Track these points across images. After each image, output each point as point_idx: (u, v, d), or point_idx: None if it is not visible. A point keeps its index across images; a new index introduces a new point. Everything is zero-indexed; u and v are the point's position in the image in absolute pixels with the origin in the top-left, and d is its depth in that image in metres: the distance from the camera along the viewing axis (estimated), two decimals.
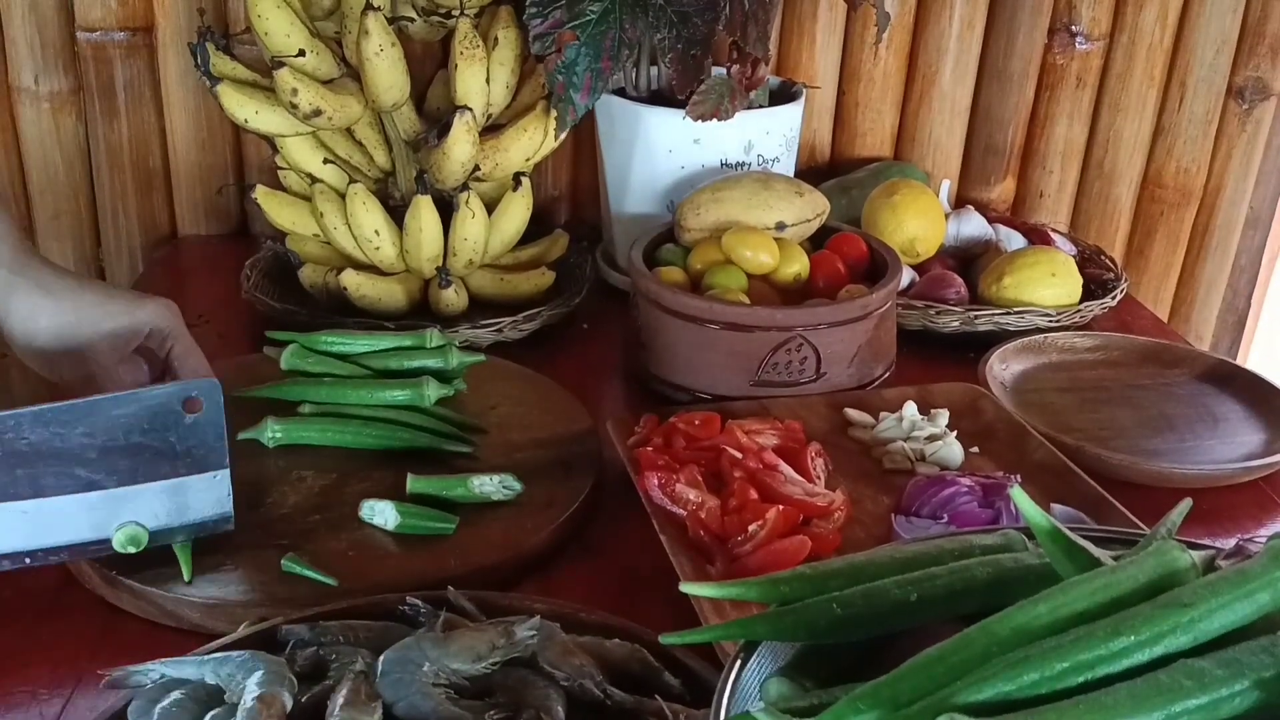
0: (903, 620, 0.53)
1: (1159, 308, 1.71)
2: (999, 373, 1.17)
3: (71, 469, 0.76)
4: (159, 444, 0.78)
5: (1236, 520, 0.99)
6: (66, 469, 0.76)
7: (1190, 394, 1.17)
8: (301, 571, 0.81)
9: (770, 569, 0.79)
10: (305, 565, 0.81)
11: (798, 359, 1.07)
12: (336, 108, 1.17)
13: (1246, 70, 1.60)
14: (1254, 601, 0.47)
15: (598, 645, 0.69)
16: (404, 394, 1.00)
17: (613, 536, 0.92)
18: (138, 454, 0.77)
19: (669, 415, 1.00)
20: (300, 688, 0.64)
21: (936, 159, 1.61)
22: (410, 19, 1.22)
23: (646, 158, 1.30)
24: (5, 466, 0.74)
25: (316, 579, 0.81)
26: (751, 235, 1.15)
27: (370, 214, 1.21)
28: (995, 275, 1.29)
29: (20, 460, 0.74)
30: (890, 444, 1.01)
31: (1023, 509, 0.51)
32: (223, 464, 0.80)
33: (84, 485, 0.76)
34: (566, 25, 1.17)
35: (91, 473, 0.76)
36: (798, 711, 0.48)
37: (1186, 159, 1.64)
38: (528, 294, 1.27)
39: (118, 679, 0.67)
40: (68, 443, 0.75)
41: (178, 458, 0.79)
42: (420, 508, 0.88)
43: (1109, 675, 0.44)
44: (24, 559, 0.77)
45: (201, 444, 0.79)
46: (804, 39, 1.53)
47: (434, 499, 0.90)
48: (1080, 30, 1.56)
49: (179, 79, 1.41)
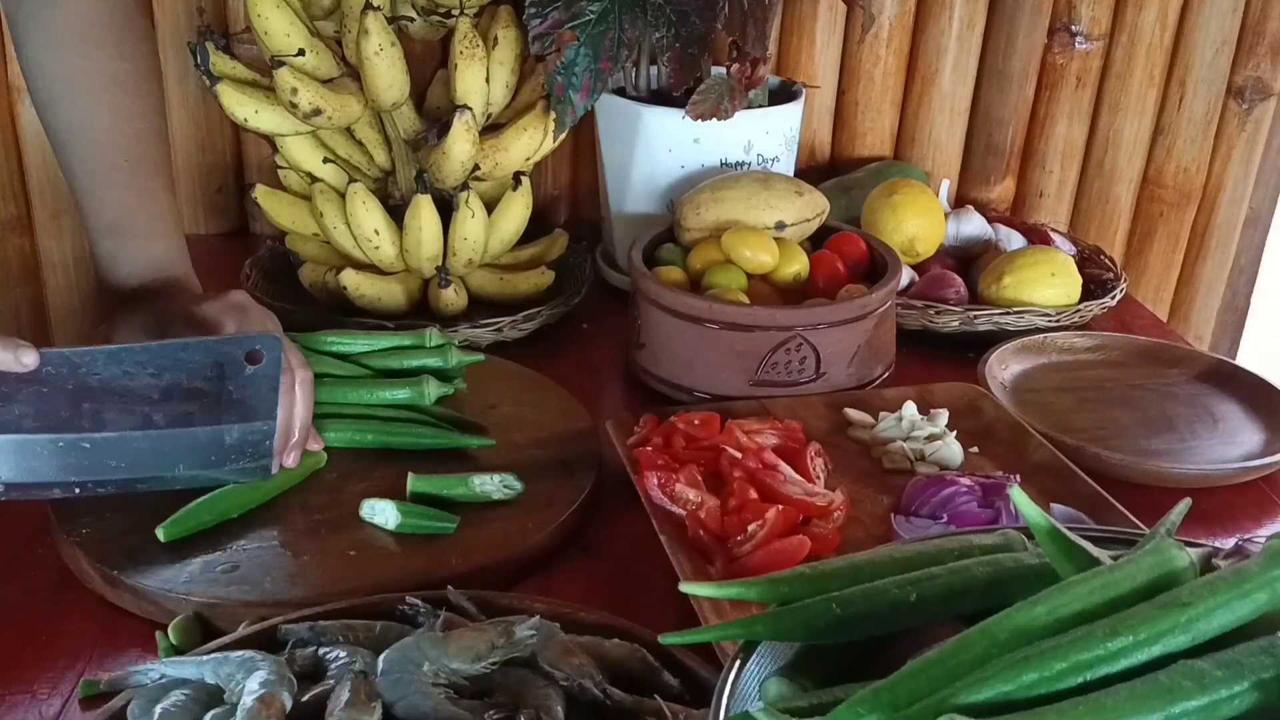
0: (902, 620, 0.53)
1: (1158, 308, 1.71)
2: (998, 373, 1.17)
3: (134, 407, 0.80)
4: (217, 391, 0.81)
5: (1236, 520, 0.99)
6: (129, 407, 0.80)
7: (1190, 394, 1.17)
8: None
9: (770, 569, 0.80)
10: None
11: (797, 359, 1.07)
12: (336, 107, 1.17)
13: (1246, 70, 1.60)
14: (1252, 601, 0.47)
15: (597, 645, 0.69)
16: (404, 393, 1.00)
17: (612, 536, 0.93)
18: (197, 399, 0.81)
19: (668, 415, 1.00)
20: (300, 687, 0.64)
21: (936, 159, 1.61)
22: (410, 18, 1.22)
23: (646, 157, 1.31)
24: (73, 400, 0.78)
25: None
26: (751, 235, 1.15)
27: (370, 213, 1.21)
28: (995, 275, 1.29)
29: (88, 395, 0.78)
30: (890, 444, 1.01)
31: (1021, 509, 0.52)
32: (272, 415, 0.84)
33: (142, 423, 0.80)
34: (566, 25, 1.17)
35: (151, 412, 0.80)
36: (797, 711, 0.48)
37: (1186, 159, 1.64)
38: (527, 293, 1.27)
39: (118, 679, 0.67)
40: (135, 382, 0.79)
41: (232, 406, 0.82)
42: (421, 507, 0.88)
43: (1108, 675, 0.44)
44: (74, 488, 0.81)
45: (256, 395, 0.82)
46: (804, 38, 1.53)
47: (435, 498, 0.90)
48: (1080, 30, 1.56)
49: (178, 78, 1.41)
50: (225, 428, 0.82)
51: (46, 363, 0.77)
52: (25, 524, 0.90)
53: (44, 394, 0.77)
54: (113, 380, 0.79)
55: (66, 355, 0.78)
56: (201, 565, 0.82)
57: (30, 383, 0.77)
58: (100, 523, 0.86)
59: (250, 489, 0.87)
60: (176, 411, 0.81)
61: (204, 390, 0.81)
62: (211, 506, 0.86)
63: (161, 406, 0.80)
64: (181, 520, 0.84)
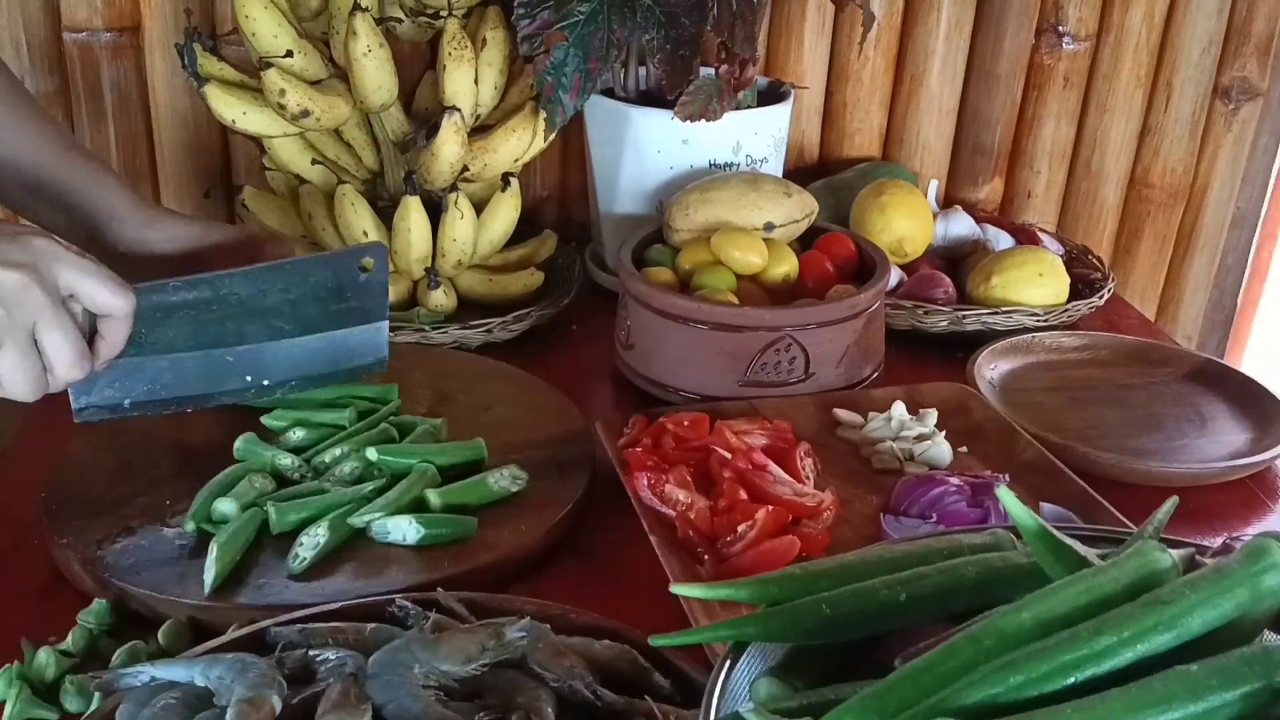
0: (892, 620, 0.53)
1: (1146, 307, 1.72)
2: (987, 372, 1.17)
3: (270, 321, 0.90)
4: (337, 299, 0.92)
5: (1224, 519, 1.00)
6: (266, 320, 0.89)
7: (1177, 393, 1.18)
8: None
9: (760, 569, 0.80)
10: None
11: (786, 359, 1.07)
12: (324, 109, 1.17)
13: (1232, 70, 1.61)
14: (1233, 598, 0.47)
15: (587, 646, 0.69)
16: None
17: (602, 537, 0.93)
18: (322, 308, 0.91)
19: (658, 416, 1.00)
20: (290, 690, 0.64)
21: (924, 159, 1.61)
22: (398, 20, 1.22)
23: (635, 158, 1.31)
24: (218, 319, 0.87)
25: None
26: (740, 236, 1.15)
27: (359, 215, 1.21)
28: (983, 275, 1.29)
29: (230, 314, 0.88)
30: (879, 444, 1.01)
31: (1010, 509, 0.52)
32: (383, 315, 0.95)
33: (277, 334, 0.90)
34: (555, 26, 1.17)
35: (284, 323, 0.90)
36: (787, 712, 0.48)
37: (1173, 159, 1.65)
38: (517, 295, 1.27)
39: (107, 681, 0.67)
40: (268, 298, 0.89)
41: (350, 310, 0.93)
42: (440, 515, 0.88)
43: (1095, 675, 0.44)
44: (210, 400, 0.90)
45: (370, 298, 0.93)
46: (792, 39, 1.53)
47: (457, 507, 0.89)
48: (1067, 31, 1.56)
49: (166, 80, 1.41)
50: (347, 330, 0.93)
51: (192, 288, 0.86)
52: (14, 525, 0.90)
53: (193, 316, 0.86)
54: (250, 299, 0.88)
55: (209, 280, 0.87)
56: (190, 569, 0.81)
57: (180, 307, 0.86)
58: (91, 525, 0.86)
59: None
60: (305, 321, 0.91)
61: (327, 299, 0.91)
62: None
63: (292, 318, 0.90)
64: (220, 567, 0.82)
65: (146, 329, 0.83)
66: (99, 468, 0.93)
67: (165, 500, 0.89)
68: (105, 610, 0.79)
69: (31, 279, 0.71)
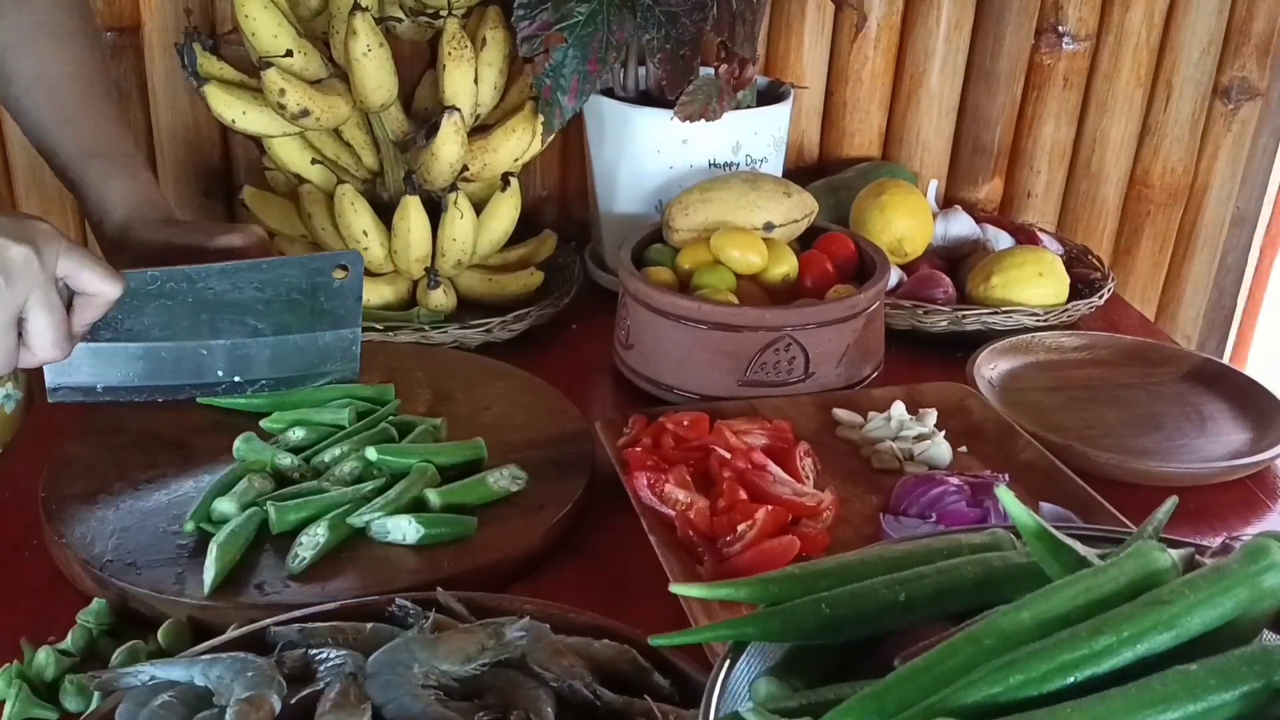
0: (892, 620, 0.53)
1: (1145, 307, 1.72)
2: (987, 372, 1.17)
3: (243, 318, 0.92)
4: (310, 302, 0.94)
5: (1223, 519, 1.00)
6: (239, 317, 0.92)
7: (1177, 393, 1.18)
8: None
9: (759, 569, 0.80)
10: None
11: (786, 359, 1.07)
12: (324, 108, 1.17)
13: (1232, 70, 1.61)
14: (1233, 598, 0.47)
15: (587, 646, 0.69)
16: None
17: (602, 537, 0.93)
18: (295, 309, 0.94)
19: (658, 415, 1.00)
20: (289, 689, 0.64)
21: (924, 159, 1.61)
22: (398, 19, 1.22)
23: (635, 158, 1.31)
24: (193, 312, 0.90)
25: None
26: (740, 235, 1.15)
27: (358, 215, 1.21)
28: (983, 275, 1.29)
29: (205, 307, 0.91)
30: (879, 443, 1.01)
31: (1009, 509, 0.52)
32: (356, 323, 0.97)
33: (251, 332, 0.93)
34: (554, 27, 1.17)
35: (258, 321, 0.93)
36: (787, 712, 0.48)
37: (1173, 159, 1.65)
38: (516, 294, 1.27)
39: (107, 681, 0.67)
40: (243, 295, 0.91)
41: (323, 315, 0.95)
42: (440, 515, 0.87)
43: (1094, 675, 0.44)
44: (181, 391, 0.93)
45: (342, 305, 0.96)
46: (792, 39, 1.53)
47: (457, 506, 0.89)
48: (1067, 30, 1.56)
49: (166, 79, 1.41)
50: (318, 334, 0.96)
51: (169, 279, 0.88)
52: (15, 525, 0.90)
53: (168, 306, 0.89)
54: (225, 294, 0.90)
55: (185, 272, 0.89)
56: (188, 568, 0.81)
57: (157, 297, 0.88)
58: (90, 525, 0.86)
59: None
60: (278, 321, 0.93)
61: (300, 302, 0.94)
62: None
63: (265, 317, 0.93)
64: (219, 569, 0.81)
65: (123, 315, 0.86)
66: (99, 468, 0.93)
67: (165, 500, 0.89)
68: (105, 610, 0.79)
69: (34, 257, 0.76)
